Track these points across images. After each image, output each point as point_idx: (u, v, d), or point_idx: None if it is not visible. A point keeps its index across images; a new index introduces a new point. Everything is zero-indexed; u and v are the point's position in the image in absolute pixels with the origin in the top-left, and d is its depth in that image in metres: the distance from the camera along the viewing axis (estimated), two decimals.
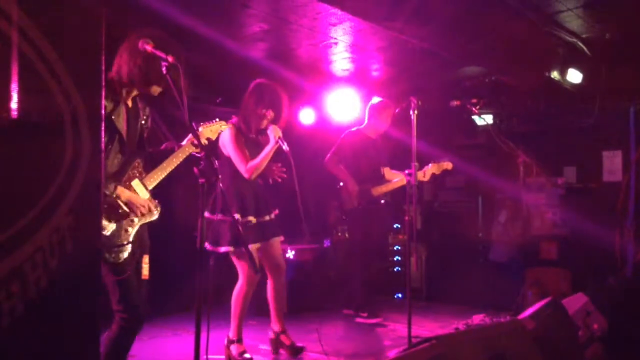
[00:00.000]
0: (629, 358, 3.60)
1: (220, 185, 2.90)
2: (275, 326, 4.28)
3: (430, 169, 5.40)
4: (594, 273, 5.37)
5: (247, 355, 4.06)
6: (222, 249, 3.93)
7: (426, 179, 5.45)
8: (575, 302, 3.85)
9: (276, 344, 4.28)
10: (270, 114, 4.08)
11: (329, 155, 5.66)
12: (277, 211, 4.24)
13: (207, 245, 3.95)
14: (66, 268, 1.85)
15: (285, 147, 3.95)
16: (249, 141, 4.12)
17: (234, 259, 4.02)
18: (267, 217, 4.13)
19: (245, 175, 3.99)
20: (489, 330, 3.27)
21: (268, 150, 3.99)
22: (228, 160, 4.08)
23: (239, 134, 4.09)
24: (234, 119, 4.15)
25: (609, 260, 5.45)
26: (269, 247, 4.16)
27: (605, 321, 3.70)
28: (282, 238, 4.27)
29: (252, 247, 3.97)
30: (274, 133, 3.96)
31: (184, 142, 3.11)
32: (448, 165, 5.44)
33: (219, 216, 3.96)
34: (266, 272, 4.24)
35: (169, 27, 4.31)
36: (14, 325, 1.73)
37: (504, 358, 2.76)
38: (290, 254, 5.95)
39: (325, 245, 6.61)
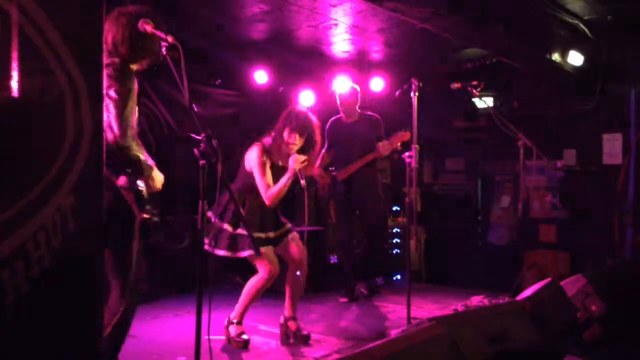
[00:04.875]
0: (626, 340, 3.63)
1: (220, 166, 2.90)
2: (286, 311, 4.29)
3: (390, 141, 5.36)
4: (592, 255, 5.40)
5: (244, 337, 4.09)
6: (244, 254, 3.96)
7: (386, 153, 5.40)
8: (573, 284, 3.87)
9: (285, 329, 4.29)
10: (297, 140, 4.07)
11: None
12: (289, 225, 4.25)
13: (223, 252, 3.97)
14: (69, 247, 1.86)
15: (302, 182, 4.00)
16: (274, 166, 4.13)
17: (253, 260, 4.03)
18: (271, 234, 4.14)
19: (267, 202, 4.03)
20: (488, 311, 3.28)
21: (284, 181, 4.00)
22: (248, 174, 4.12)
23: (265, 156, 4.09)
24: (267, 139, 4.16)
25: (607, 243, 5.47)
26: (283, 245, 4.19)
27: (604, 303, 3.73)
28: (296, 234, 4.26)
29: (263, 249, 3.98)
30: (293, 163, 3.97)
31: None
32: (406, 135, 5.33)
33: (226, 225, 4.00)
34: (287, 261, 4.24)
35: (168, 8, 4.30)
36: (18, 303, 1.74)
37: (503, 339, 2.77)
38: None
39: (332, 260, 6.63)
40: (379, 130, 5.60)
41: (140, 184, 2.89)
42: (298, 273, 4.21)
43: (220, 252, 3.98)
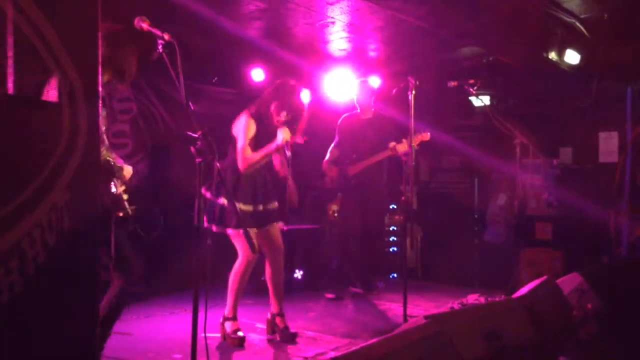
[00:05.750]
0: (623, 338, 3.63)
1: (218, 165, 2.91)
2: (273, 308, 4.31)
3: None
4: (588, 253, 5.41)
5: (240, 333, 4.09)
6: (229, 231, 3.98)
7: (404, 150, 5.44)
8: (569, 282, 3.87)
9: (272, 325, 4.31)
10: (284, 115, 4.04)
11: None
12: (277, 203, 4.26)
13: (212, 226, 3.97)
14: (64, 244, 1.86)
15: (288, 153, 3.98)
16: (264, 131, 4.09)
17: (234, 240, 4.04)
18: (260, 207, 4.14)
19: (239, 166, 4.02)
20: (484, 309, 3.29)
21: (268, 150, 4.01)
22: (236, 145, 4.11)
23: (252, 124, 4.08)
24: (253, 107, 4.14)
25: (603, 241, 5.48)
26: (266, 232, 4.19)
27: (600, 301, 3.73)
28: (281, 224, 4.29)
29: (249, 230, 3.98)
30: (282, 134, 3.96)
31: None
32: (425, 136, 5.41)
33: (221, 199, 3.98)
34: (265, 254, 4.26)
35: (164, 5, 4.28)
36: (14, 302, 1.74)
37: (499, 337, 2.77)
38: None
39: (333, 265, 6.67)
40: (391, 129, 5.66)
41: (113, 186, 2.98)
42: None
43: (214, 228, 3.98)
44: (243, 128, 4.06)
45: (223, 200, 3.98)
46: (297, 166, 4.43)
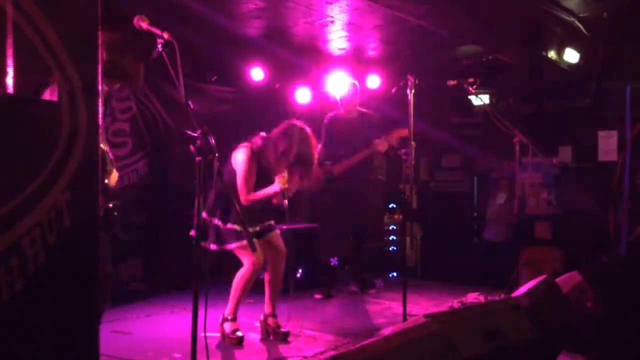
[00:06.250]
0: (623, 338, 3.64)
1: (217, 164, 2.91)
2: (266, 308, 4.35)
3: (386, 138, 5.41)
4: (588, 252, 5.41)
5: (239, 333, 4.11)
6: (231, 246, 4.00)
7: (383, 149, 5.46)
8: (569, 281, 3.87)
9: (264, 326, 4.33)
10: (289, 158, 4.05)
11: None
12: (272, 221, 4.31)
13: (212, 246, 3.98)
14: (64, 244, 1.86)
15: (285, 202, 4.02)
16: (264, 165, 4.13)
17: (237, 252, 4.07)
18: (258, 228, 4.19)
19: (242, 202, 4.05)
20: (484, 308, 3.29)
21: (265, 193, 4.04)
22: (232, 173, 4.12)
23: (253, 159, 4.10)
24: (259, 139, 4.14)
25: (603, 240, 5.48)
26: (266, 239, 4.24)
27: (599, 300, 3.73)
28: (277, 232, 4.32)
29: (241, 244, 4.02)
30: (280, 183, 3.97)
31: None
32: (403, 132, 5.38)
33: (216, 220, 4.03)
34: (267, 260, 4.28)
35: (164, 4, 4.29)
36: (14, 300, 1.74)
37: (499, 335, 2.78)
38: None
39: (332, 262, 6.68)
40: (376, 127, 5.62)
41: (105, 179, 2.96)
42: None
43: (211, 246, 3.99)
44: (244, 165, 4.08)
45: (218, 222, 4.02)
46: None
